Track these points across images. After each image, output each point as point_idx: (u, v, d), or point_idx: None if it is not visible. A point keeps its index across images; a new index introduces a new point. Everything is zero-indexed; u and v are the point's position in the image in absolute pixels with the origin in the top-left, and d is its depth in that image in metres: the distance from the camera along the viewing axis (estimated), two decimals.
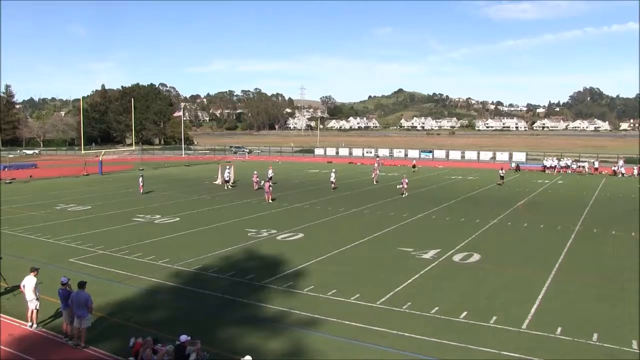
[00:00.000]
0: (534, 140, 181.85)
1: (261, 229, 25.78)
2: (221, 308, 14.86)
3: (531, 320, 13.70)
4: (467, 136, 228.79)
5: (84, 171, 58.14)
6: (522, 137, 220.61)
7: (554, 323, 13.50)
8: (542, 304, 14.97)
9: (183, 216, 30.00)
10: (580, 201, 35.82)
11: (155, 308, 14.97)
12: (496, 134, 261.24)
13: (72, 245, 22.53)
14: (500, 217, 29.27)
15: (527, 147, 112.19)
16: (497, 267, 19.00)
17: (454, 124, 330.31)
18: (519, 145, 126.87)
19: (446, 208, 32.65)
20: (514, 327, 13.29)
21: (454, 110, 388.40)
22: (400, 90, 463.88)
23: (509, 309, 14.57)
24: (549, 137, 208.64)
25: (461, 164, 72.81)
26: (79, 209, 32.70)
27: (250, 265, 19.37)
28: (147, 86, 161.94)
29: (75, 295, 12.39)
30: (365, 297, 15.45)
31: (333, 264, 19.49)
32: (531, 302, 15.08)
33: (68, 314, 12.60)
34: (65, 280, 12.91)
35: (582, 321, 13.69)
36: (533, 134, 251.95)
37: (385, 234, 25.02)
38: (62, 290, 12.77)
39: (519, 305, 14.81)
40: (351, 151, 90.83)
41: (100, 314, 14.09)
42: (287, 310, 14.53)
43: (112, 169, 63.95)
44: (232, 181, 45.07)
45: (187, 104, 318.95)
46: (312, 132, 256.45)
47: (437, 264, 19.38)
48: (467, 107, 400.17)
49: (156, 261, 19.76)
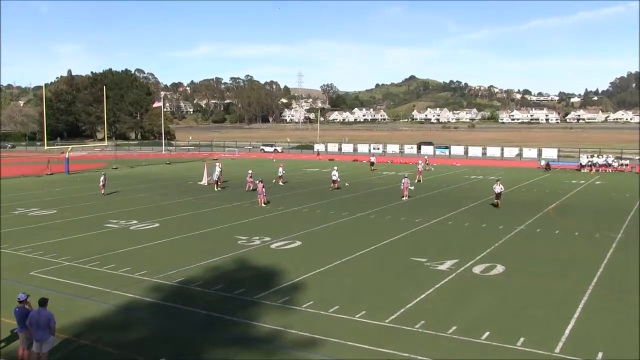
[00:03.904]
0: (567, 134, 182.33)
1: (253, 236, 25.74)
2: (207, 327, 14.82)
3: (565, 343, 13.63)
4: (489, 130, 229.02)
5: (48, 170, 58.10)
6: (554, 130, 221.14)
7: (593, 347, 13.39)
8: (579, 324, 14.89)
9: (163, 221, 29.97)
10: (622, 205, 35.77)
11: (130, 327, 14.92)
12: (523, 127, 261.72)
13: (32, 255, 22.47)
14: (528, 223, 29.23)
15: (560, 142, 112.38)
16: (524, 280, 18.95)
17: (474, 116, 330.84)
18: (550, 140, 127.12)
19: (465, 212, 32.62)
20: (545, 350, 13.23)
21: (473, 100, 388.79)
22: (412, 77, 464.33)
23: (538, 329, 14.52)
24: (585, 131, 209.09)
25: (482, 162, 72.85)
26: (42, 214, 32.65)
27: (241, 277, 19.33)
28: (122, 72, 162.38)
29: (35, 315, 12.18)
30: (372, 315, 15.41)
31: (335, 276, 19.45)
32: (565, 321, 15.02)
33: (25, 337, 12.38)
34: (24, 296, 12.58)
35: (628, 346, 13.58)
36: (566, 127, 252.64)
37: (395, 241, 24.98)
38: (20, 308, 12.45)
39: (550, 325, 14.76)
40: (356, 147, 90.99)
41: (65, 336, 13.99)
42: (282, 329, 14.49)
43: (81, 168, 63.96)
44: (216, 181, 45.02)
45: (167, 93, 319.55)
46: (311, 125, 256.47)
47: (455, 276, 19.33)
48: (489, 97, 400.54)
49: (132, 273, 19.71)
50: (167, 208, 34.64)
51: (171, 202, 37.16)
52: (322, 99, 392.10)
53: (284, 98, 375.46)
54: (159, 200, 38.32)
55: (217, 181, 44.50)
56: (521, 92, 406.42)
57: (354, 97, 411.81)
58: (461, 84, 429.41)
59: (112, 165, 66.03)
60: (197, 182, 48.37)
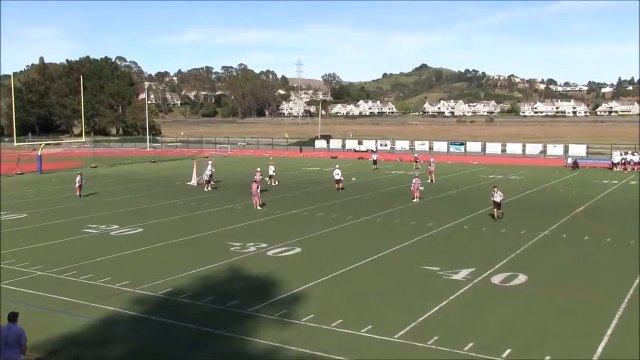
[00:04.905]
0: (597, 128, 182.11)
1: (248, 242, 25.76)
2: (196, 343, 14.81)
3: None
4: (509, 124, 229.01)
5: (18, 169, 58.21)
6: (582, 124, 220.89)
7: None
8: (612, 341, 14.81)
9: (148, 226, 29.99)
10: None
11: (111, 344, 14.91)
12: (547, 121, 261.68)
13: (1, 265, 22.48)
14: (553, 228, 29.20)
15: (589, 137, 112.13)
16: (550, 291, 18.91)
17: (492, 109, 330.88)
18: (578, 136, 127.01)
19: (482, 216, 32.60)
20: None
21: (492, 91, 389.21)
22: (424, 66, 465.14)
23: (566, 346, 14.47)
24: (618, 125, 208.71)
25: (501, 160, 72.81)
26: (11, 218, 32.68)
27: (234, 288, 19.33)
28: (101, 60, 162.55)
29: (4, 331, 12.14)
30: (380, 329, 15.40)
31: (339, 286, 19.45)
32: (596, 338, 14.92)
33: None
34: None
35: None
36: (596, 121, 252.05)
37: (405, 248, 24.97)
38: None
39: (579, 341, 14.71)
40: (361, 143, 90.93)
41: (38, 355, 13.98)
42: (279, 345, 14.48)
43: (56, 167, 64.06)
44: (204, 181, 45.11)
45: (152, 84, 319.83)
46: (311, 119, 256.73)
47: (471, 286, 19.31)
48: (509, 87, 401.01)
49: (112, 284, 19.71)
50: (152, 211, 34.65)
51: (156, 205, 37.19)
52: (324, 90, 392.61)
53: (281, 89, 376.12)
54: (142, 202, 38.35)
55: (208, 181, 44.52)
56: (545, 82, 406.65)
57: (359, 88, 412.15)
58: (478, 74, 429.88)
59: (91, 163, 66.10)
60: (185, 182, 48.42)
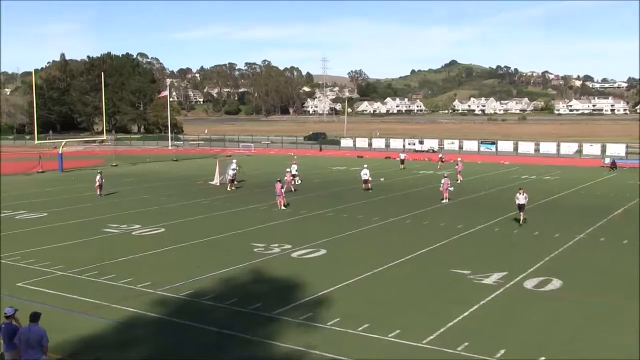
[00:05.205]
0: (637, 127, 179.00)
1: (272, 243, 25.84)
2: (218, 346, 14.88)
3: None
4: (542, 122, 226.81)
5: (38, 167, 59.00)
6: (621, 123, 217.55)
7: None
8: None
9: (170, 226, 30.21)
10: None
11: (132, 346, 15.06)
12: (583, 119, 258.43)
13: (21, 264, 22.78)
14: (589, 231, 28.86)
15: (628, 136, 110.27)
16: (586, 297, 18.71)
17: (525, 107, 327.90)
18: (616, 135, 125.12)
19: (514, 218, 32.32)
20: None
21: (524, 88, 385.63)
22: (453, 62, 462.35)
23: (604, 355, 14.28)
24: None
25: (534, 160, 72.19)
26: (32, 217, 33.14)
27: (257, 290, 19.41)
28: (122, 57, 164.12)
29: (25, 331, 12.16)
30: (407, 334, 15.35)
31: (365, 289, 19.43)
32: (637, 346, 14.73)
33: (13, 357, 12.51)
34: (11, 311, 12.58)
35: None
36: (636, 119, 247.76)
37: (433, 251, 24.88)
38: (7, 324, 12.46)
39: (617, 350, 14.51)
40: (388, 142, 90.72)
41: (58, 356, 14.15)
42: (303, 349, 14.50)
43: (76, 165, 64.85)
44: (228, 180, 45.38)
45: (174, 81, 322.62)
46: (337, 117, 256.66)
47: (503, 291, 19.18)
48: (542, 84, 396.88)
49: (134, 285, 19.89)
50: (174, 211, 34.92)
51: (179, 204, 37.46)
52: (350, 87, 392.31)
53: (306, 86, 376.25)
54: (164, 202, 38.66)
55: (232, 180, 44.79)
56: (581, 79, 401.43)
57: (386, 85, 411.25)
58: (510, 70, 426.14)
59: (112, 162, 66.72)
60: (207, 181, 48.71)
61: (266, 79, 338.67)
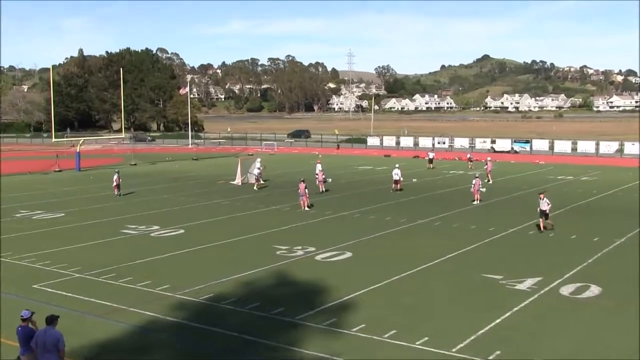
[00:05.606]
0: None
1: (295, 246, 25.87)
2: (239, 351, 14.93)
3: None
4: (580, 120, 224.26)
5: (55, 166, 59.62)
6: None
7: None
8: None
9: (189, 227, 30.40)
10: None
11: (150, 351, 15.16)
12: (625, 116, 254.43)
13: (37, 266, 23.06)
14: (630, 235, 28.45)
15: None
16: (626, 305, 18.44)
17: (562, 104, 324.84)
18: None
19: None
20: None
21: (561, 83, 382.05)
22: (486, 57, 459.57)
23: None
24: None
25: (572, 159, 71.38)
26: (48, 217, 33.53)
27: (280, 294, 19.44)
28: (142, 52, 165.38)
29: (41, 335, 12.27)
30: (436, 342, 15.27)
31: (392, 294, 19.37)
32: None
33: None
34: (27, 314, 12.68)
35: None
36: None
37: (464, 254, 24.73)
38: (23, 328, 12.58)
39: None
40: (417, 141, 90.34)
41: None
42: (328, 356, 14.49)
43: (94, 163, 65.46)
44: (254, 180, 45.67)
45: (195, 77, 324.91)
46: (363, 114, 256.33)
47: (538, 297, 19.00)
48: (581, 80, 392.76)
49: (152, 288, 20.03)
50: (194, 212, 35.12)
51: (199, 205, 37.66)
52: (377, 83, 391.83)
53: (331, 82, 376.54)
54: (184, 202, 38.89)
55: (257, 179, 45.13)
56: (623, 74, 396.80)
57: (415, 81, 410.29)
58: (546, 65, 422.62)
59: (130, 161, 67.28)
60: (229, 181, 48.92)
61: (290, 75, 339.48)
